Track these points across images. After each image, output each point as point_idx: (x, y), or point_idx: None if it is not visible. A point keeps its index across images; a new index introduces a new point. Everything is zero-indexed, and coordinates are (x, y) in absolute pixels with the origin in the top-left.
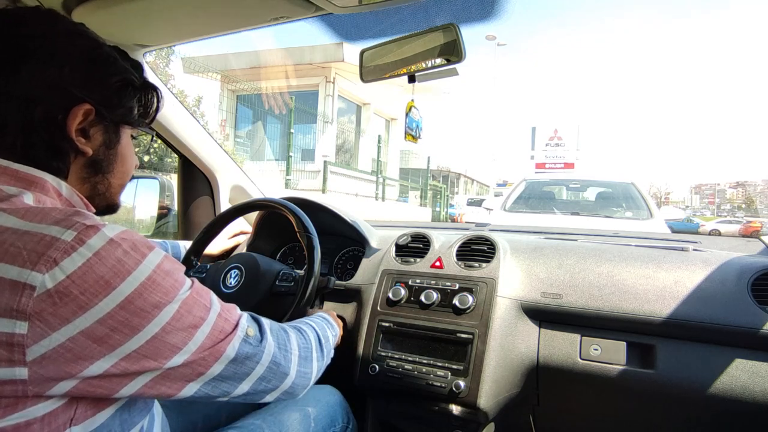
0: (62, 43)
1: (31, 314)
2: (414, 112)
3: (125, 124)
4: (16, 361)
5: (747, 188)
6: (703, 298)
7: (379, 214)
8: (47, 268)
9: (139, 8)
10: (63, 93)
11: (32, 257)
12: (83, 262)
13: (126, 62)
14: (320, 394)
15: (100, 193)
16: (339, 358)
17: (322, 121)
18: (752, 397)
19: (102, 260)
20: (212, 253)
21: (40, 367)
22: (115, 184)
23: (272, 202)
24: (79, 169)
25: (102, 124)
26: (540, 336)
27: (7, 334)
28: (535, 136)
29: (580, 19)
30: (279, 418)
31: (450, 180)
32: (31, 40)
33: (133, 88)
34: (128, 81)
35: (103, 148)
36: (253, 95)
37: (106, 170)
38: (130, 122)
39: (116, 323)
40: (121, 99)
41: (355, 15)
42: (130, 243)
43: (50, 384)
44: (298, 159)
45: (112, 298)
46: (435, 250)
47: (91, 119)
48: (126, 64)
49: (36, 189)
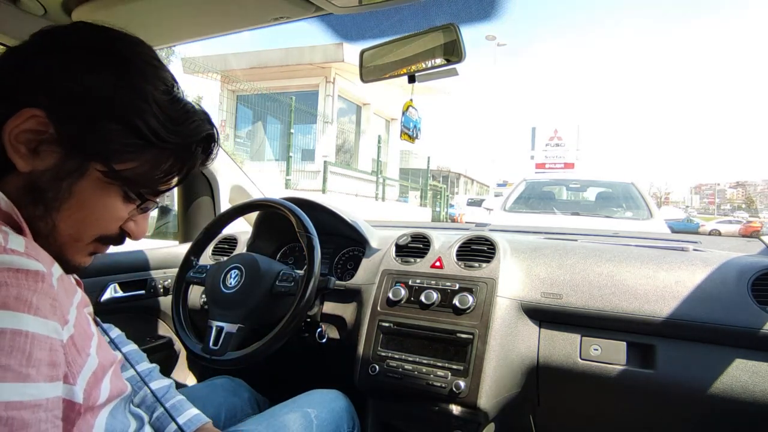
0: (78, 53)
1: None
2: (411, 112)
3: (99, 166)
4: None
5: (747, 188)
6: (704, 298)
7: (379, 214)
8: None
9: (139, 8)
10: (27, 88)
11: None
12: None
13: (157, 104)
14: (326, 399)
15: (42, 234)
16: (337, 358)
17: (322, 121)
18: (752, 397)
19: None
20: None
21: None
22: (64, 232)
23: (272, 202)
24: (15, 188)
25: (61, 148)
26: (540, 336)
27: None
28: (535, 136)
29: (580, 19)
30: (282, 422)
31: (450, 180)
32: (44, 45)
33: (137, 135)
34: (125, 121)
35: (50, 175)
36: (253, 95)
37: (50, 205)
38: (108, 173)
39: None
40: (99, 133)
41: (355, 15)
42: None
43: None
44: (298, 159)
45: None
46: (435, 250)
47: (49, 136)
48: (152, 105)
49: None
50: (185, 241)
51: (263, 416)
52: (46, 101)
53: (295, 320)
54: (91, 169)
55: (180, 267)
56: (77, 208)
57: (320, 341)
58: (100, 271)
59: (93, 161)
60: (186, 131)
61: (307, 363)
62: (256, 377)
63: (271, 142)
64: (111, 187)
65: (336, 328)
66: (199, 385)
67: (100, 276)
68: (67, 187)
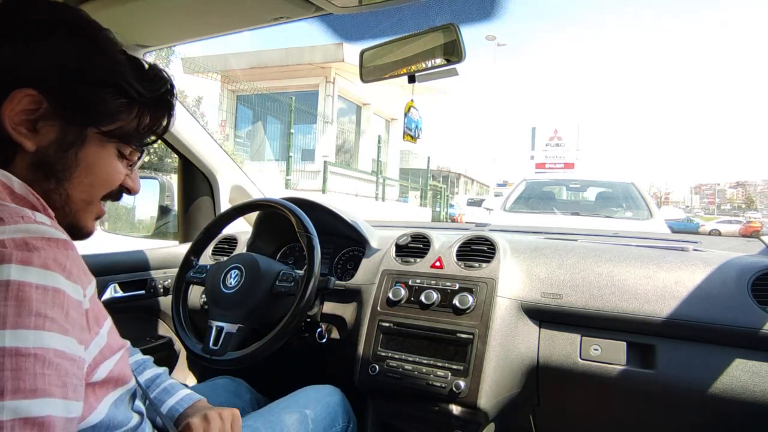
0: (43, 27)
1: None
2: (413, 112)
3: (99, 132)
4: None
5: (747, 188)
6: (704, 298)
7: (379, 214)
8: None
9: (139, 8)
10: (10, 74)
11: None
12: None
13: (127, 66)
14: (320, 395)
15: (56, 207)
16: (337, 358)
17: (322, 121)
18: (752, 397)
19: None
20: None
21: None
22: (77, 199)
23: (272, 202)
24: (25, 167)
25: (59, 120)
26: (540, 336)
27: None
28: (535, 136)
29: (580, 19)
30: (278, 418)
31: (450, 180)
32: (18, 21)
33: (124, 96)
34: (114, 84)
35: (55, 148)
36: (253, 95)
37: (61, 176)
38: (105, 132)
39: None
40: (95, 100)
41: (355, 15)
42: (27, 250)
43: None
44: (298, 159)
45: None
46: (435, 250)
47: (44, 111)
48: (125, 67)
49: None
50: (185, 241)
51: (261, 413)
52: (35, 79)
53: (295, 320)
54: (90, 135)
55: (180, 267)
56: (85, 173)
57: (320, 341)
58: (100, 271)
59: (90, 126)
60: (155, 85)
61: (307, 363)
62: (256, 377)
63: (271, 142)
64: (109, 147)
65: (336, 328)
66: (200, 385)
67: (100, 276)
68: (73, 156)
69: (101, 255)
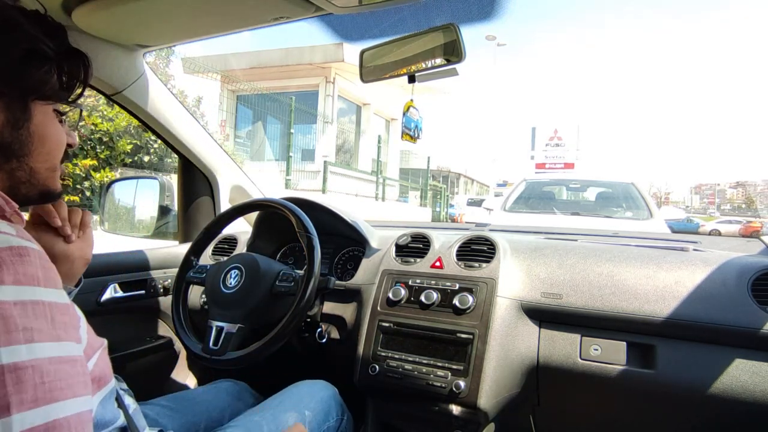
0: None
1: None
2: (412, 112)
3: (37, 100)
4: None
5: (747, 188)
6: (704, 298)
7: (379, 214)
8: None
9: (139, 8)
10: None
11: None
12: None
13: (35, 27)
14: (314, 390)
15: (23, 182)
16: (338, 358)
17: (322, 121)
18: (752, 397)
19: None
20: None
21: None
22: (41, 169)
23: (272, 202)
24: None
25: (1, 101)
26: (540, 336)
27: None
28: (535, 136)
29: (580, 19)
30: (275, 414)
31: (450, 180)
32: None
33: (43, 58)
34: (33, 49)
35: (9, 129)
36: (253, 95)
37: (20, 153)
38: (43, 97)
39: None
40: (24, 71)
41: (355, 15)
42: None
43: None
44: (298, 159)
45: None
46: (435, 250)
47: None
48: (34, 29)
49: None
50: (185, 241)
51: (258, 410)
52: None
53: (295, 320)
54: (33, 106)
55: (180, 267)
56: (41, 144)
57: (320, 341)
58: (100, 271)
59: (31, 97)
60: (60, 36)
61: (307, 363)
62: (256, 377)
63: (271, 142)
64: (49, 111)
65: (336, 328)
66: (202, 388)
67: (100, 276)
68: (26, 132)
69: (101, 255)
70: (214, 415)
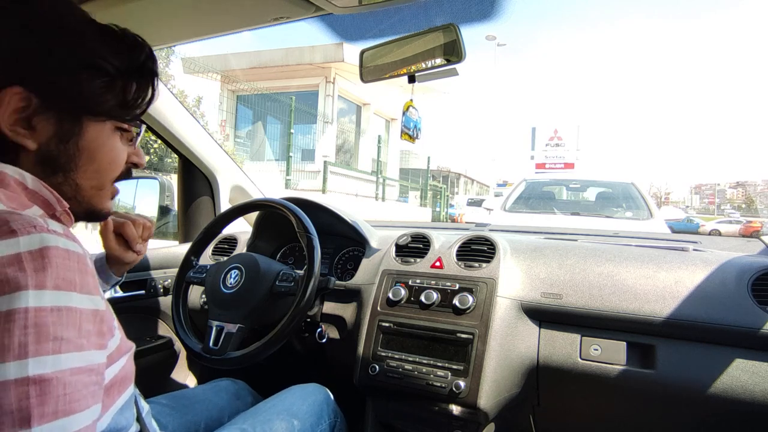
0: (10, 18)
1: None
2: (412, 112)
3: (91, 116)
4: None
5: (747, 188)
6: (704, 298)
7: (379, 214)
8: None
9: (139, 8)
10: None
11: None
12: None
13: (100, 41)
14: (306, 393)
15: (68, 197)
16: (337, 358)
17: (322, 121)
18: (752, 397)
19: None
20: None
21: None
22: (86, 186)
23: (272, 202)
24: (31, 166)
25: (52, 113)
26: (540, 336)
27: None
28: (535, 137)
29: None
30: (265, 418)
31: (450, 180)
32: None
33: (103, 74)
34: (91, 64)
35: (56, 142)
36: (253, 95)
37: (67, 168)
38: (97, 114)
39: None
40: (78, 85)
41: (355, 15)
42: (41, 264)
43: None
44: (298, 159)
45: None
46: (435, 250)
47: (34, 107)
48: (98, 43)
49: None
50: (185, 241)
51: (249, 414)
52: (16, 75)
53: (295, 320)
54: (85, 121)
55: (180, 267)
56: (89, 161)
57: (320, 341)
58: None
59: (83, 113)
60: (132, 55)
61: (307, 363)
62: (256, 378)
63: (271, 142)
64: (105, 128)
65: (336, 328)
66: (201, 387)
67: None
68: (74, 147)
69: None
70: (214, 414)
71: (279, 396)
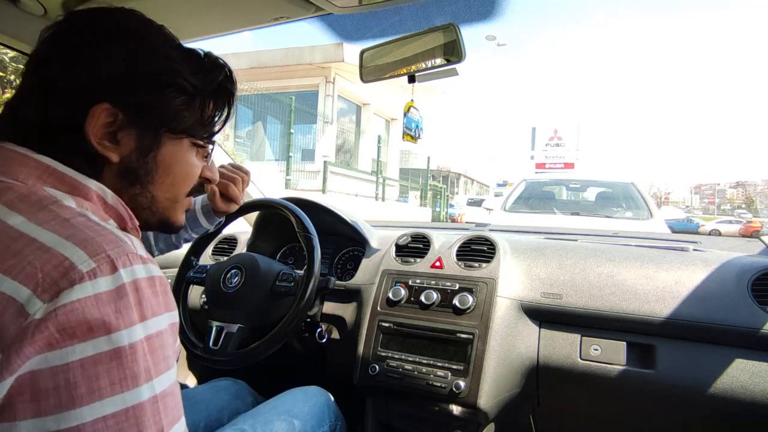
0: (102, 38)
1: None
2: (413, 112)
3: (169, 132)
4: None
5: (747, 188)
6: (704, 299)
7: (379, 214)
8: (50, 296)
9: (139, 9)
10: (85, 91)
11: (45, 283)
12: (79, 299)
13: (182, 60)
14: (307, 396)
15: (144, 207)
16: (337, 358)
17: (322, 121)
18: (752, 397)
19: (99, 304)
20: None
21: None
22: (161, 198)
23: (272, 203)
24: (112, 177)
25: (135, 128)
26: (540, 336)
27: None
28: (535, 136)
29: (580, 19)
30: (267, 419)
31: (450, 180)
32: (80, 36)
33: (182, 93)
34: (172, 83)
35: (136, 155)
36: (253, 95)
37: (145, 181)
38: (176, 130)
39: (62, 382)
40: (160, 103)
41: (355, 15)
42: (138, 298)
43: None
44: (298, 159)
45: (80, 349)
46: (435, 250)
47: (120, 122)
48: (180, 62)
49: (79, 195)
50: None
51: (250, 415)
52: (104, 91)
53: (295, 320)
54: (163, 136)
55: (180, 267)
56: (165, 174)
57: (320, 341)
58: None
59: (162, 128)
60: (211, 75)
61: (307, 363)
62: (256, 377)
63: (271, 142)
64: (182, 145)
65: (336, 328)
66: (201, 387)
67: None
68: (153, 160)
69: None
70: (214, 414)
71: (280, 397)
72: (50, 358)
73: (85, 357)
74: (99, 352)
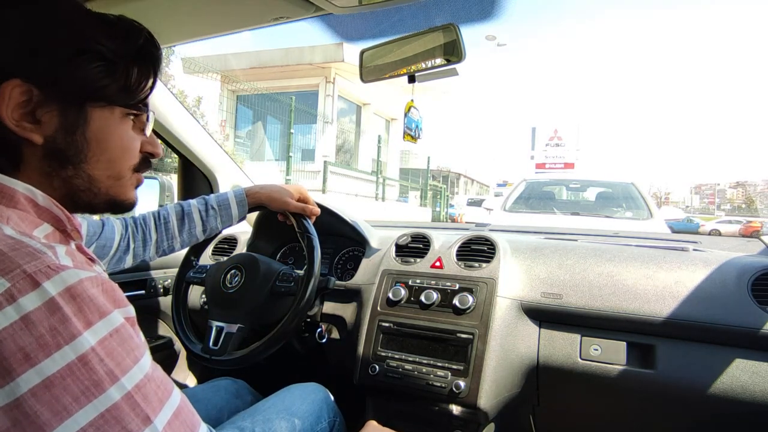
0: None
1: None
2: (413, 112)
3: (95, 104)
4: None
5: (747, 188)
6: (704, 298)
7: (379, 214)
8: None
9: (139, 8)
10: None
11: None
12: (4, 327)
13: (94, 26)
14: (305, 392)
15: (82, 189)
16: (337, 358)
17: (322, 121)
18: (752, 397)
19: (29, 327)
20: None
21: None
22: (101, 177)
23: None
24: (38, 162)
25: (55, 103)
26: (540, 336)
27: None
28: (535, 136)
29: (580, 18)
30: (266, 417)
31: (450, 180)
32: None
33: (99, 59)
34: (87, 50)
35: (62, 134)
36: (253, 95)
37: (76, 160)
38: (100, 100)
39: (20, 417)
40: (75, 72)
41: (355, 15)
42: (77, 305)
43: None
44: (298, 159)
45: (24, 380)
46: (435, 250)
47: (37, 98)
48: (91, 27)
49: (3, 201)
50: None
51: (249, 413)
52: (13, 67)
53: (295, 320)
54: (90, 110)
55: (180, 267)
56: (100, 151)
57: (320, 341)
58: None
59: (87, 101)
60: (130, 39)
61: (307, 363)
62: (256, 377)
63: (271, 142)
64: (113, 116)
65: (336, 328)
66: (201, 386)
67: None
68: (82, 137)
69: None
70: (213, 414)
71: (278, 395)
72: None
73: (34, 386)
74: (47, 375)
